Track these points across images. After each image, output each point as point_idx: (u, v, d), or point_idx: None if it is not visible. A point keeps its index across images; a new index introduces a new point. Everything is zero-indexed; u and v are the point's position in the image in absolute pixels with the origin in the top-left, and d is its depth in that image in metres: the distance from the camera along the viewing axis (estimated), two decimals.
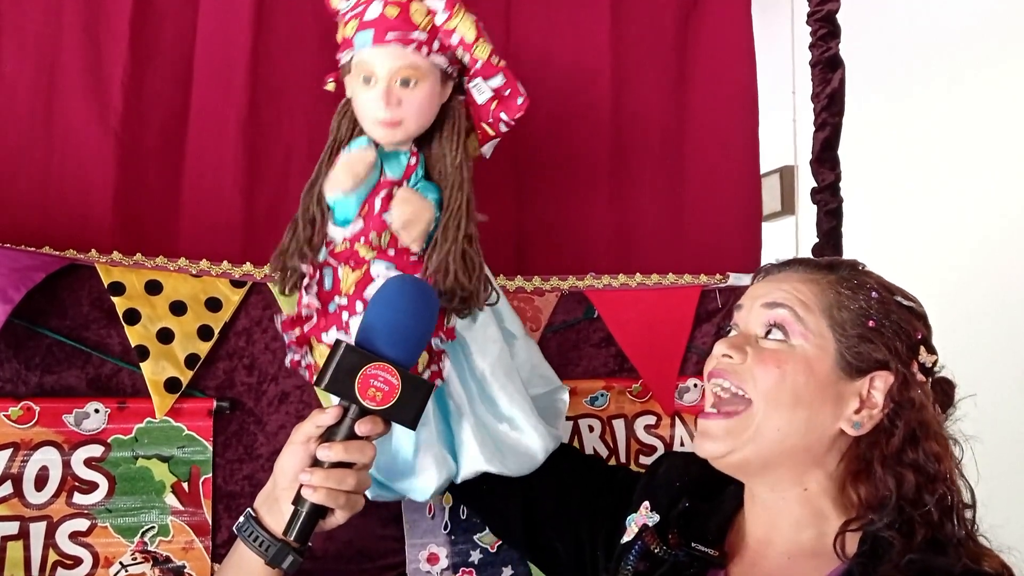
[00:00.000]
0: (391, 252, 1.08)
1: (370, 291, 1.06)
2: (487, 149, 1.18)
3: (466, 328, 1.14)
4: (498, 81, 1.11)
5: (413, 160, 1.11)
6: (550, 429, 1.18)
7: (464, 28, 1.07)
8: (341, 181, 1.06)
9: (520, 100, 1.12)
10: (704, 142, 1.51)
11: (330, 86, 1.15)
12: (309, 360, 1.10)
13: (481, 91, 1.12)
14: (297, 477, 0.96)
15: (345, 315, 1.07)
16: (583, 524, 1.11)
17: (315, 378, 0.97)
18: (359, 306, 1.06)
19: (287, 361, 1.09)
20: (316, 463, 0.97)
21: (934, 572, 0.85)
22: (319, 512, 0.97)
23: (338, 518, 0.99)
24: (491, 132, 1.15)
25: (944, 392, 0.98)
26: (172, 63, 1.31)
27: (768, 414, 0.92)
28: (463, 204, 1.11)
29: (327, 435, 0.97)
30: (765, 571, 0.95)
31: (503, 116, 1.12)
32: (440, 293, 1.09)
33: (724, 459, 0.96)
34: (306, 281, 1.09)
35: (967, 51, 2.40)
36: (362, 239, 1.08)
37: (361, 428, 0.96)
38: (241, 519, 1.01)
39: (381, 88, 1.06)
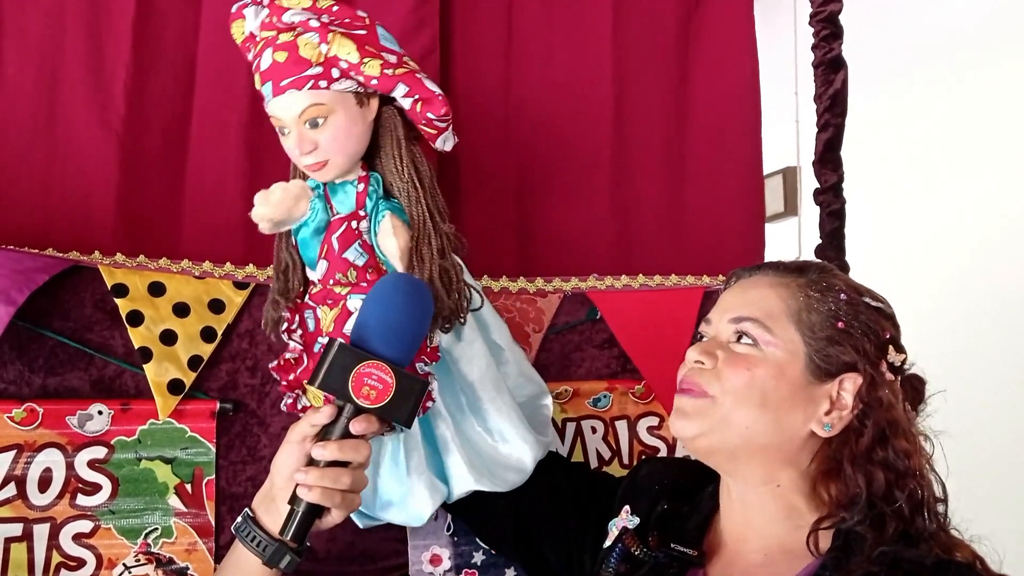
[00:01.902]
0: (364, 285, 1.07)
1: (349, 326, 1.05)
2: (440, 144, 1.12)
3: (452, 344, 1.14)
4: (401, 90, 1.05)
5: (361, 187, 1.08)
6: (539, 438, 1.18)
7: (344, 51, 1.02)
8: (260, 210, 1.05)
9: (439, 97, 1.05)
10: (706, 143, 1.51)
11: None
12: (304, 402, 1.09)
13: (403, 98, 1.07)
14: (293, 476, 0.96)
15: None
16: (573, 531, 1.12)
17: (309, 377, 0.97)
18: None
19: (283, 406, 1.09)
20: (312, 462, 0.96)
21: (905, 563, 0.86)
22: (315, 511, 0.96)
23: (334, 517, 0.99)
24: (431, 131, 1.10)
25: (915, 388, 0.99)
26: (174, 65, 1.31)
27: (735, 408, 0.94)
28: (426, 219, 1.07)
29: (323, 434, 0.97)
30: (742, 568, 0.96)
31: (430, 115, 1.07)
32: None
33: (694, 442, 0.98)
34: (284, 326, 1.09)
35: (969, 52, 2.40)
36: (331, 280, 1.07)
37: (356, 427, 0.95)
38: (239, 519, 1.01)
39: (293, 136, 1.03)
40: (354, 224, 1.07)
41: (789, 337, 0.95)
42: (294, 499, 0.96)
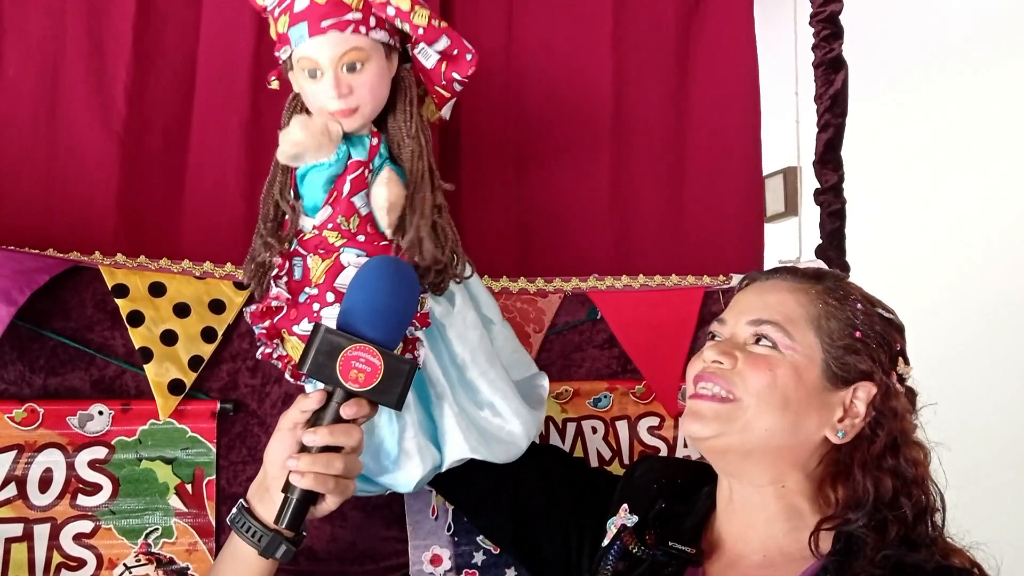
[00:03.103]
0: (360, 238, 1.07)
1: (340, 280, 1.05)
2: (446, 111, 1.16)
3: (445, 315, 1.13)
4: (443, 44, 1.07)
5: (375, 141, 1.09)
6: (533, 413, 1.17)
7: None
8: (294, 136, 1.03)
9: (469, 56, 1.08)
10: (706, 143, 1.51)
11: (274, 84, 1.14)
12: (281, 352, 1.09)
13: (427, 56, 1.09)
14: (285, 464, 0.96)
15: (316, 305, 1.05)
16: (571, 524, 1.12)
17: (296, 363, 0.96)
18: (330, 296, 1.05)
19: (258, 354, 1.09)
20: (304, 449, 0.96)
21: (907, 567, 0.87)
22: (309, 498, 0.96)
23: (329, 504, 0.98)
24: (446, 94, 1.13)
25: (907, 399, 1.00)
26: (175, 66, 1.31)
27: (759, 412, 0.94)
28: (426, 172, 1.09)
29: (313, 420, 0.97)
30: (741, 569, 0.97)
31: (455, 75, 1.09)
32: (415, 271, 1.08)
33: (708, 442, 0.98)
34: (275, 272, 1.08)
35: (970, 52, 2.40)
36: (330, 225, 1.07)
37: (346, 411, 0.95)
38: (234, 511, 1.01)
39: (329, 79, 1.03)
40: (366, 173, 1.08)
41: (808, 342, 0.95)
42: (287, 487, 0.96)
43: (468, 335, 1.14)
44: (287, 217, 1.09)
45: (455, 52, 1.08)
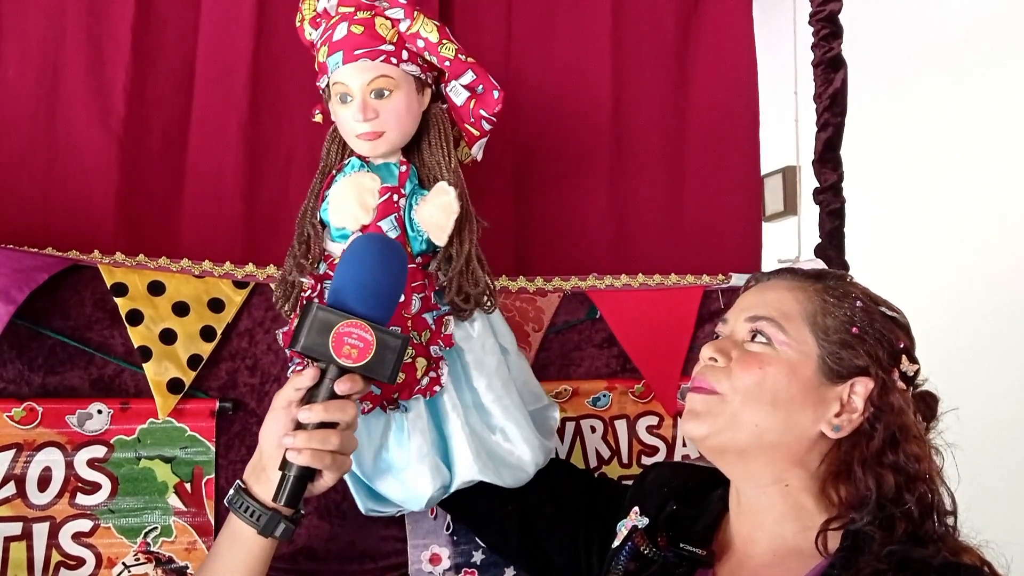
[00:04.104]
0: None
1: None
2: (476, 150, 1.19)
3: (465, 339, 1.15)
4: (468, 77, 1.12)
5: (404, 168, 1.13)
6: (543, 442, 1.19)
7: (426, 31, 1.09)
8: (358, 216, 1.08)
9: (496, 94, 1.13)
10: (705, 142, 1.51)
11: (317, 118, 1.18)
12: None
13: (458, 93, 1.14)
14: (281, 442, 0.96)
15: None
16: (579, 533, 1.13)
17: (289, 341, 0.97)
18: None
19: (289, 372, 1.10)
20: (299, 427, 0.97)
21: (914, 563, 0.87)
22: (307, 475, 0.97)
23: (327, 480, 0.99)
24: (475, 132, 1.16)
25: (927, 405, 1.00)
26: (174, 67, 1.32)
27: (746, 408, 0.95)
28: (469, 207, 1.13)
29: (308, 398, 0.97)
30: (751, 569, 0.97)
31: (483, 112, 1.13)
32: (461, 296, 1.12)
33: (705, 442, 0.99)
34: (307, 293, 1.10)
35: (969, 51, 2.40)
36: None
37: (340, 387, 0.96)
38: (231, 492, 1.01)
39: (357, 102, 1.08)
40: (395, 197, 1.11)
41: (803, 338, 0.96)
42: (284, 464, 0.96)
43: (486, 360, 1.16)
44: (312, 237, 1.12)
45: (480, 88, 1.13)
